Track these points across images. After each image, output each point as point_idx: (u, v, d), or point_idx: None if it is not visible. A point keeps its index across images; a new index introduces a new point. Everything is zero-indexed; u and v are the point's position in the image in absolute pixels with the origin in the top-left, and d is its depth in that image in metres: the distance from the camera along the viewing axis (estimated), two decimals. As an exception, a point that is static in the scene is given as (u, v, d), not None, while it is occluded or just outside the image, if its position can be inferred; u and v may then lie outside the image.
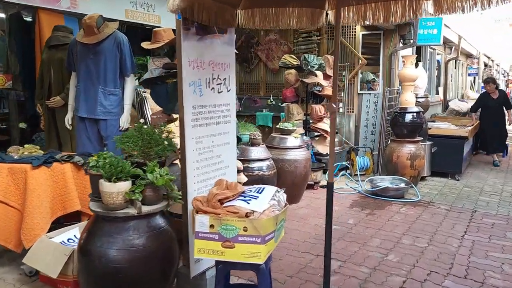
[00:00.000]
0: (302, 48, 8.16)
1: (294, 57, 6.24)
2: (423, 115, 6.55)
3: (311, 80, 5.98)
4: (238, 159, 4.59)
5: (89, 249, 2.52)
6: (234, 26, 3.09)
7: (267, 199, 2.62)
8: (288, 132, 5.50)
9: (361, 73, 7.78)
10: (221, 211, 2.50)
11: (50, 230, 3.32)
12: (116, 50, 3.82)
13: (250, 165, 4.64)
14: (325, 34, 8.01)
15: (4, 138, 5.86)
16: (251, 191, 2.71)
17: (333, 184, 2.81)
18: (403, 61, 6.49)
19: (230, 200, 2.58)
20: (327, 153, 6.32)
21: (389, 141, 6.76)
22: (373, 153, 7.12)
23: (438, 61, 11.35)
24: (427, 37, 7.23)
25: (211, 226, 2.43)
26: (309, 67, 5.97)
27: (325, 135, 6.12)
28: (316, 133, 6.51)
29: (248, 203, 2.53)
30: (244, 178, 3.98)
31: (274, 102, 8.43)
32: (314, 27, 3.01)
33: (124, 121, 3.93)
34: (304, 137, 6.15)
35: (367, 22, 2.83)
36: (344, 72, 7.82)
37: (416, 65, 7.11)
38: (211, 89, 2.98)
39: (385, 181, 6.24)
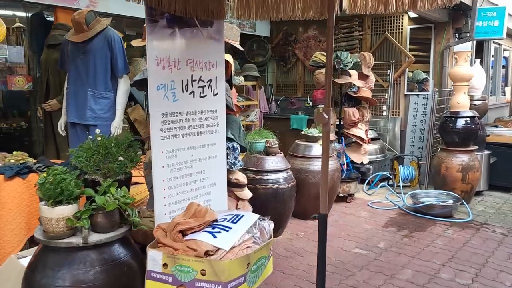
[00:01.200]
0: (342, 45, 7.46)
1: (327, 54, 5.60)
2: (478, 121, 5.64)
3: (343, 81, 5.32)
4: (249, 170, 4.08)
5: (31, 282, 2.13)
6: (222, 17, 2.58)
7: (241, 232, 2.09)
8: (314, 139, 4.89)
9: (410, 71, 6.94)
10: (181, 245, 2.00)
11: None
12: (107, 48, 3.46)
13: (264, 177, 4.11)
14: (368, 28, 7.26)
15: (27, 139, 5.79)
16: (225, 219, 2.20)
17: (326, 216, 2.21)
18: (455, 58, 5.62)
19: (194, 232, 2.09)
20: (362, 162, 5.62)
21: (438, 149, 5.91)
22: (420, 162, 6.28)
23: (505, 57, 10.07)
24: (487, 30, 6.27)
25: (165, 265, 1.95)
26: (341, 65, 5.31)
27: (360, 142, 5.43)
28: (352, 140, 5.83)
29: (215, 236, 2.02)
30: (248, 194, 3.45)
31: (311, 104, 7.78)
32: (324, 17, 2.47)
33: (116, 127, 3.56)
34: (335, 144, 5.50)
35: (381, 10, 2.20)
36: (388, 70, 7.02)
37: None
38: (190, 93, 2.49)
39: (430, 196, 5.43)
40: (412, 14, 6.60)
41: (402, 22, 6.89)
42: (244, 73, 6.06)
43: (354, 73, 5.34)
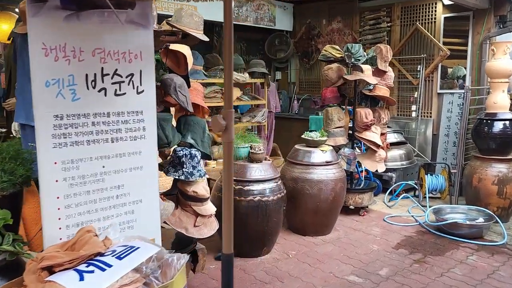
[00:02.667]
0: (369, 38, 6.73)
1: (338, 48, 4.94)
2: (521, 124, 4.74)
3: (353, 77, 4.64)
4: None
5: None
6: (148, -3, 2.10)
7: (123, 270, 1.60)
8: (314, 144, 4.28)
9: (449, 67, 6.08)
10: (39, 286, 1.54)
11: None
12: (55, 40, 3.07)
13: (245, 188, 3.57)
14: (398, 19, 6.47)
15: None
16: (113, 252, 1.71)
17: (232, 257, 1.65)
18: (492, 50, 4.76)
19: (65, 269, 1.62)
20: (376, 170, 4.92)
21: (472, 157, 5.07)
22: (452, 171, 5.44)
23: None
24: (537, 17, 5.31)
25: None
26: (353, 60, 4.63)
27: (374, 147, 4.73)
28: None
29: (82, 278, 1.54)
30: (210, 209, 2.94)
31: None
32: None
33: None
34: (345, 149, 4.84)
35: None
36: (419, 66, 6.21)
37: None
38: (100, 91, 2.03)
39: (457, 212, 4.63)
40: (447, 1, 5.75)
41: (435, 11, 6.05)
42: (250, 69, 5.55)
43: (367, 68, 4.65)
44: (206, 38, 2.97)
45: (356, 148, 5.49)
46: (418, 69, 6.20)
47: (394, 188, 5.69)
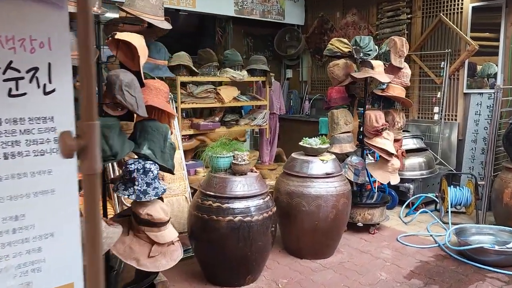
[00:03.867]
0: (386, 31, 6.05)
1: (346, 41, 4.32)
2: None
3: (362, 75, 4.01)
4: (208, 195, 3.03)
5: None
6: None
7: None
8: (313, 152, 3.68)
9: (472, 64, 5.35)
10: None
11: None
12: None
13: (224, 205, 3.01)
14: (419, 10, 5.77)
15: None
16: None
17: None
18: (529, 43, 4.04)
19: None
20: (388, 182, 4.27)
21: (503, 168, 4.35)
22: (479, 183, 4.72)
23: None
24: None
25: None
26: (361, 54, 4.00)
27: (385, 156, 4.08)
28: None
29: None
30: (169, 235, 2.41)
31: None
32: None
33: None
34: (353, 158, 4.21)
35: None
36: (442, 62, 5.50)
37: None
38: (-15, 90, 1.51)
39: (483, 234, 3.95)
40: (476, -11, 5.04)
41: (461, 0, 5.33)
42: (249, 67, 4.98)
43: (378, 64, 4.00)
44: (167, 26, 2.42)
45: (369, 155, 4.86)
46: (442, 66, 5.49)
47: (411, 201, 5.02)
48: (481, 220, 4.55)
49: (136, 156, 2.44)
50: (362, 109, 4.42)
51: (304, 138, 3.77)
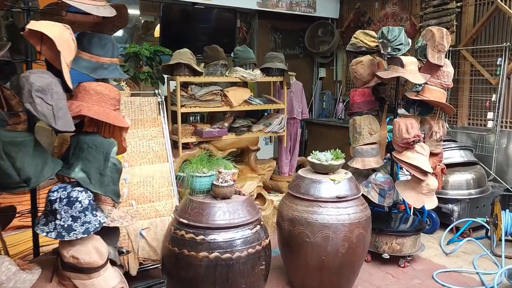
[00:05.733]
0: (432, 23, 5.18)
1: (373, 34, 3.59)
2: None
3: (389, 74, 3.26)
4: (182, 223, 2.47)
5: None
6: None
7: None
8: (323, 170, 3.00)
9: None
10: None
11: None
12: None
13: (199, 237, 2.43)
14: (471, -3, 4.87)
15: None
16: None
17: None
18: None
19: None
20: (423, 207, 3.48)
21: None
22: (543, 207, 3.81)
23: None
24: None
25: None
26: (389, 49, 3.26)
27: (418, 175, 3.30)
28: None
29: None
30: (106, 283, 1.85)
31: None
32: None
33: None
34: (377, 175, 3.48)
35: None
36: (499, 59, 4.57)
37: None
38: None
39: (547, 279, 3.07)
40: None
41: (525, -18, 4.39)
42: (263, 65, 4.36)
43: (410, 61, 3.24)
44: (108, 14, 1.88)
45: (404, 170, 4.07)
46: (499, 63, 4.56)
47: (456, 226, 4.18)
48: (544, 255, 3.64)
49: (73, 179, 1.92)
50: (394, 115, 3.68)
51: (313, 152, 3.10)
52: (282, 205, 3.07)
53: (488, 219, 4.01)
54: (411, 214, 4.14)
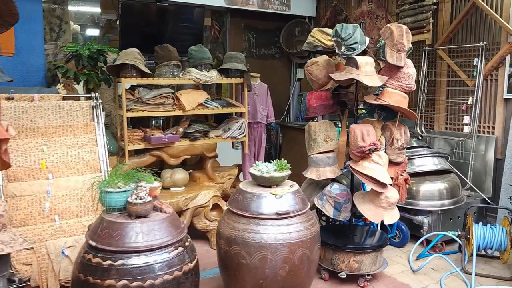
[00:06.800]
0: (408, 21, 4.88)
1: (330, 32, 3.29)
2: None
3: (342, 76, 2.96)
4: (93, 247, 2.18)
5: None
6: None
7: None
8: (265, 182, 2.71)
9: (509, 60, 4.09)
10: None
11: None
12: None
13: (106, 263, 2.13)
14: (448, -6, 4.57)
15: None
16: None
17: None
18: None
19: None
20: (381, 222, 3.18)
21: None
22: (519, 221, 3.49)
23: None
24: None
25: None
26: (343, 49, 2.96)
27: (375, 187, 3.00)
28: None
29: None
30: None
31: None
32: None
33: None
34: (333, 187, 3.17)
35: None
36: (476, 59, 4.26)
37: None
38: None
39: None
40: (522, -39, 3.78)
41: (503, -23, 4.08)
42: (222, 66, 4.07)
43: (365, 62, 2.93)
44: None
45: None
46: (475, 63, 4.25)
47: (427, 239, 3.88)
48: (519, 273, 3.34)
49: None
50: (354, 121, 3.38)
51: (256, 162, 2.80)
52: (220, 222, 2.78)
53: (459, 233, 3.70)
54: (378, 226, 3.84)
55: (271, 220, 2.59)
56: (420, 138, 4.77)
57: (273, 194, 2.62)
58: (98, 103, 3.17)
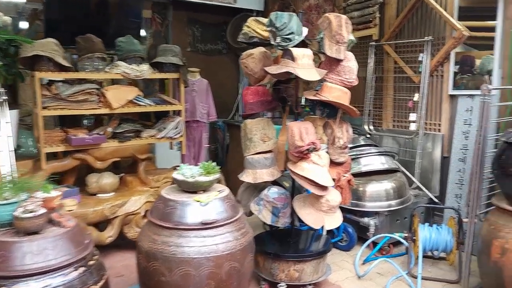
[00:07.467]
0: (355, 16, 4.71)
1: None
2: None
3: (277, 69, 2.71)
4: None
5: None
6: None
7: None
8: (189, 188, 2.41)
9: (470, 57, 3.96)
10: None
11: None
12: None
13: (-10, 289, 1.77)
14: (394, -12, 4.43)
15: None
16: None
17: None
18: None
19: None
20: (322, 227, 2.95)
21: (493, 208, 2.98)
22: (464, 220, 3.35)
23: None
24: None
25: None
26: (278, 39, 2.71)
27: (314, 190, 2.76)
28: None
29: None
30: None
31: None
32: None
33: None
34: (271, 191, 2.92)
35: None
36: (421, 54, 4.14)
37: None
38: None
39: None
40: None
41: (447, -30, 3.97)
42: (155, 59, 3.73)
43: (302, 54, 2.68)
44: None
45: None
46: (420, 58, 4.13)
47: (374, 242, 3.71)
48: (465, 275, 3.20)
49: None
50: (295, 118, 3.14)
51: (180, 165, 2.49)
52: (141, 236, 2.45)
53: (406, 235, 3.54)
54: (324, 230, 3.62)
55: (195, 230, 2.29)
56: (369, 136, 4.63)
57: (198, 201, 2.32)
58: (2, 100, 2.75)
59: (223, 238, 2.32)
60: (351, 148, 4.05)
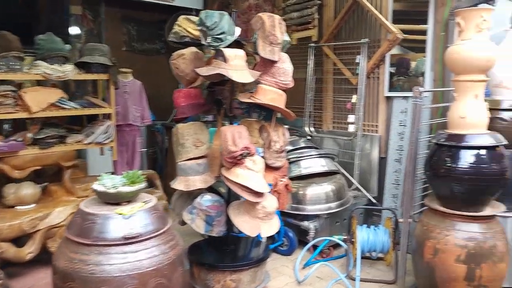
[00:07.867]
0: (294, 17, 4.68)
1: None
2: (508, 154, 2.71)
3: (208, 71, 2.58)
4: None
5: None
6: None
7: None
8: (111, 199, 2.22)
9: (406, 60, 4.02)
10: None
11: None
12: None
13: None
14: (333, -11, 4.43)
15: None
16: None
17: None
18: (458, 25, 2.70)
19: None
20: (258, 235, 2.84)
21: (424, 207, 3.03)
22: (399, 221, 3.38)
23: None
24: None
25: None
26: (209, 39, 2.58)
27: (249, 197, 2.65)
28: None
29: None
30: None
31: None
32: None
33: None
34: (204, 199, 2.77)
35: None
36: (358, 56, 4.17)
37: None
38: None
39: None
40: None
41: (381, -27, 4.02)
42: (81, 59, 3.46)
43: (235, 54, 2.57)
44: None
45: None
46: (357, 60, 4.16)
47: (315, 245, 3.67)
48: (401, 275, 3.22)
49: None
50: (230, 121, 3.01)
51: (101, 174, 2.28)
52: (56, 253, 2.22)
53: (345, 237, 3.53)
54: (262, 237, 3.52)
55: (116, 246, 2.09)
56: (309, 138, 4.61)
57: (120, 213, 2.13)
58: None
59: (148, 253, 2.15)
60: (291, 150, 4.00)
